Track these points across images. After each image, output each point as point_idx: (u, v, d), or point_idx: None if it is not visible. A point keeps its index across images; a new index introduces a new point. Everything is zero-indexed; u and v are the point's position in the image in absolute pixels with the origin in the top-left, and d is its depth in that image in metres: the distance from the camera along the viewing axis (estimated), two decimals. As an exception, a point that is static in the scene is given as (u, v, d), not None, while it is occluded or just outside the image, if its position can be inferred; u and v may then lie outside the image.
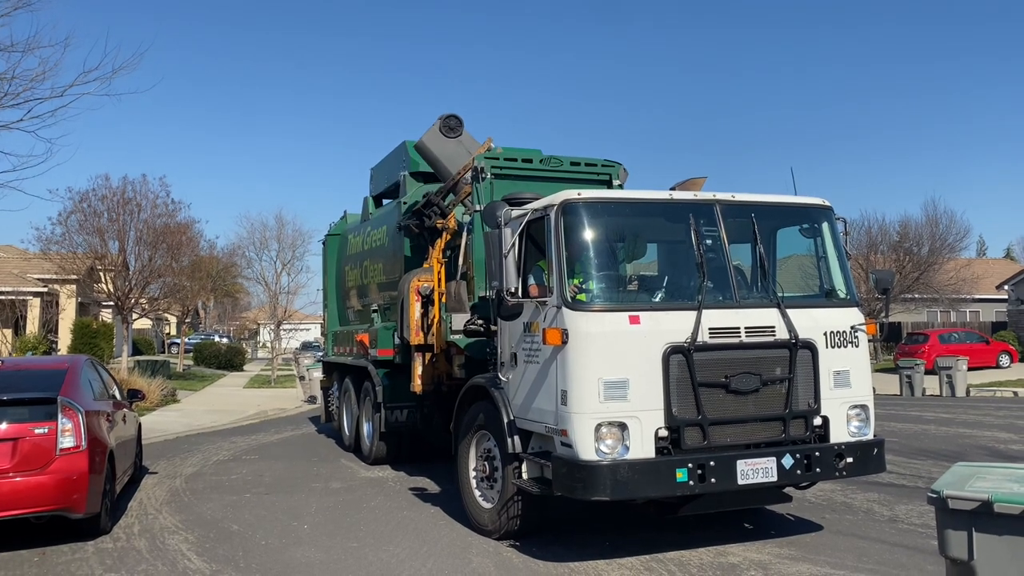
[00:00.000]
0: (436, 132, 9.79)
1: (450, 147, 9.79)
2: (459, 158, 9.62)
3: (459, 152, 9.68)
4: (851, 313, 7.05)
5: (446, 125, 9.63)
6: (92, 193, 26.21)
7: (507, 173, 9.25)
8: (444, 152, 9.90)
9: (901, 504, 8.42)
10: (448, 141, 9.74)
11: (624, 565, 6.43)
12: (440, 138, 9.78)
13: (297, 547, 7.22)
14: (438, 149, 9.90)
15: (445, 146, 9.83)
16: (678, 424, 6.20)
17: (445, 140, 9.75)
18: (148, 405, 19.56)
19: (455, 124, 9.62)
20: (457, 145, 9.77)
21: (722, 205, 6.86)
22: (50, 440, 7.14)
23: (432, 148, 9.91)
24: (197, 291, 37.25)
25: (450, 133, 9.59)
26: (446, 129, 9.61)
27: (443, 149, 9.86)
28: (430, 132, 9.86)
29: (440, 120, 9.70)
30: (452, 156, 9.83)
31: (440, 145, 9.82)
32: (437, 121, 9.83)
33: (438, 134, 9.77)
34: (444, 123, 9.64)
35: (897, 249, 39.44)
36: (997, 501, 3.41)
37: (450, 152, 9.84)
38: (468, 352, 8.60)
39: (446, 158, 9.89)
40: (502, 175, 9.13)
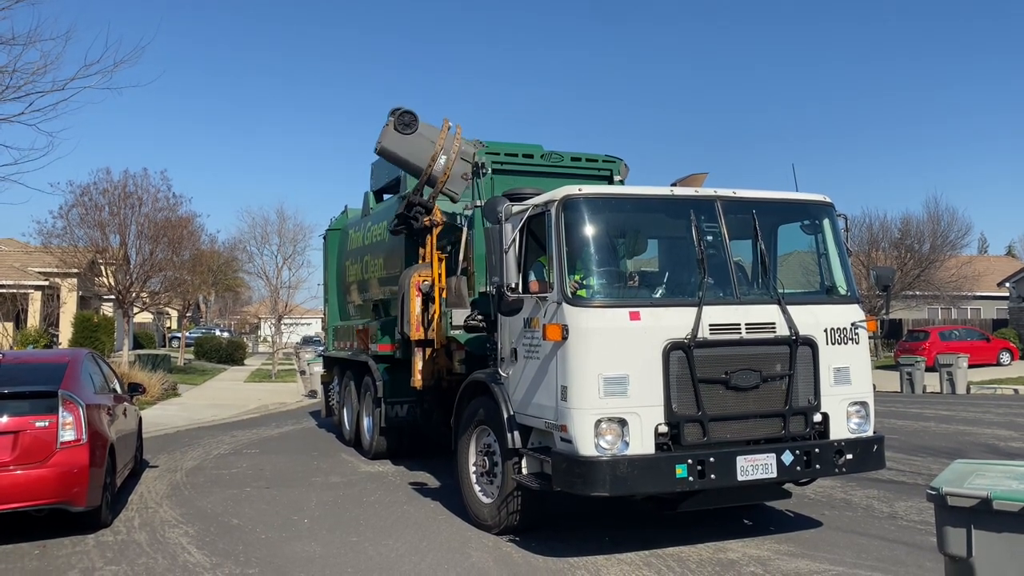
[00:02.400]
0: (392, 132, 9.45)
1: (411, 143, 9.49)
2: (423, 151, 9.42)
3: (421, 144, 9.44)
4: (852, 310, 7.05)
5: (400, 122, 9.30)
6: (93, 187, 26.26)
7: (508, 168, 9.25)
8: (407, 150, 9.61)
9: (900, 501, 8.43)
10: (407, 137, 9.44)
11: (623, 560, 6.44)
12: (398, 137, 9.44)
13: (297, 541, 7.23)
14: (400, 149, 9.60)
15: (406, 143, 9.53)
16: (678, 420, 6.21)
17: (404, 138, 9.43)
18: (149, 399, 19.59)
19: (410, 119, 9.31)
20: (417, 138, 9.47)
21: (723, 201, 6.85)
22: (51, 433, 7.15)
23: (394, 150, 9.61)
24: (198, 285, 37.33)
25: (406, 129, 9.26)
26: (401, 126, 9.26)
27: (405, 147, 9.57)
28: (386, 134, 9.49)
29: (393, 118, 9.36)
30: (416, 151, 9.57)
31: (401, 144, 9.52)
32: (390, 120, 9.47)
33: (395, 133, 9.44)
34: (398, 120, 9.30)
35: (898, 246, 39.43)
36: (996, 498, 3.41)
37: (413, 148, 9.56)
38: (468, 348, 8.60)
39: (411, 155, 9.64)
40: (503, 170, 9.14)
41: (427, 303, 9.46)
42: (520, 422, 6.90)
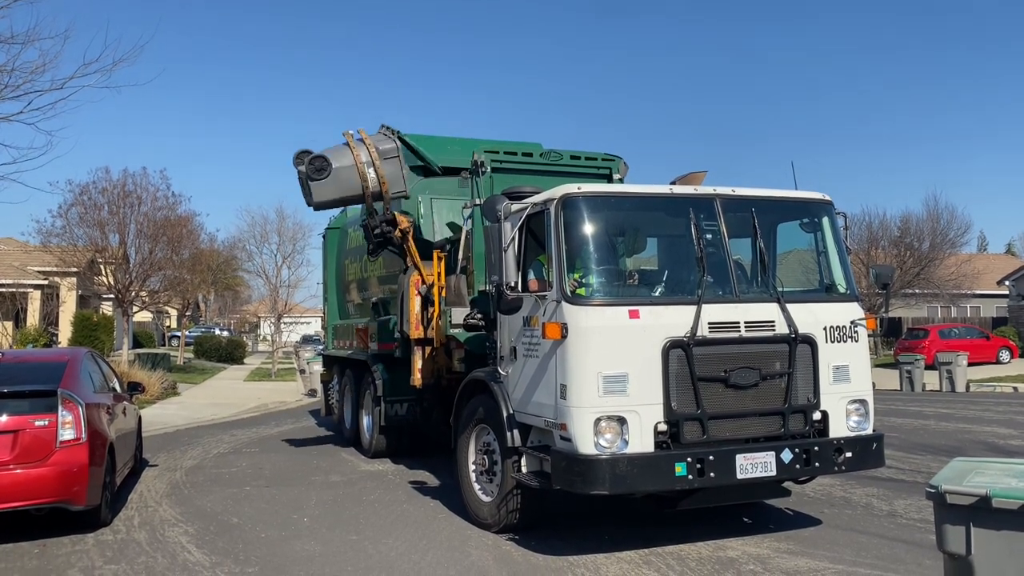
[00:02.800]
0: (315, 185, 9.09)
1: (335, 179, 9.18)
2: (350, 178, 9.19)
3: (344, 174, 9.16)
4: (851, 308, 7.05)
5: (313, 169, 8.89)
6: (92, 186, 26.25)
7: (507, 167, 9.24)
8: (337, 189, 9.29)
9: (900, 499, 8.44)
10: (329, 178, 9.13)
11: (623, 559, 6.44)
12: (322, 184, 9.15)
13: (297, 540, 7.23)
14: (331, 192, 9.30)
15: (332, 184, 9.20)
16: (677, 418, 6.21)
17: (326, 181, 9.13)
18: (148, 398, 19.59)
19: (320, 163, 8.92)
20: (337, 172, 9.18)
21: (722, 199, 6.85)
22: (50, 432, 7.16)
23: (327, 198, 9.35)
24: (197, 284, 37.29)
25: (322, 175, 8.91)
26: (316, 173, 8.91)
27: (334, 187, 9.24)
28: (314, 189, 9.14)
29: (304, 170, 8.96)
30: (344, 183, 9.30)
31: (328, 188, 9.19)
32: (301, 173, 9.15)
33: (318, 184, 9.10)
34: (311, 170, 8.90)
35: (898, 244, 39.43)
36: (995, 496, 3.41)
37: (340, 183, 9.26)
38: (468, 346, 8.60)
39: (344, 191, 9.38)
40: (502, 169, 9.13)
41: (426, 302, 9.46)
42: (520, 420, 6.90)
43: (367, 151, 9.17)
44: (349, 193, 9.40)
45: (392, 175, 9.31)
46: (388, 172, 9.27)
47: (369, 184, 9.17)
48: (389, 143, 9.30)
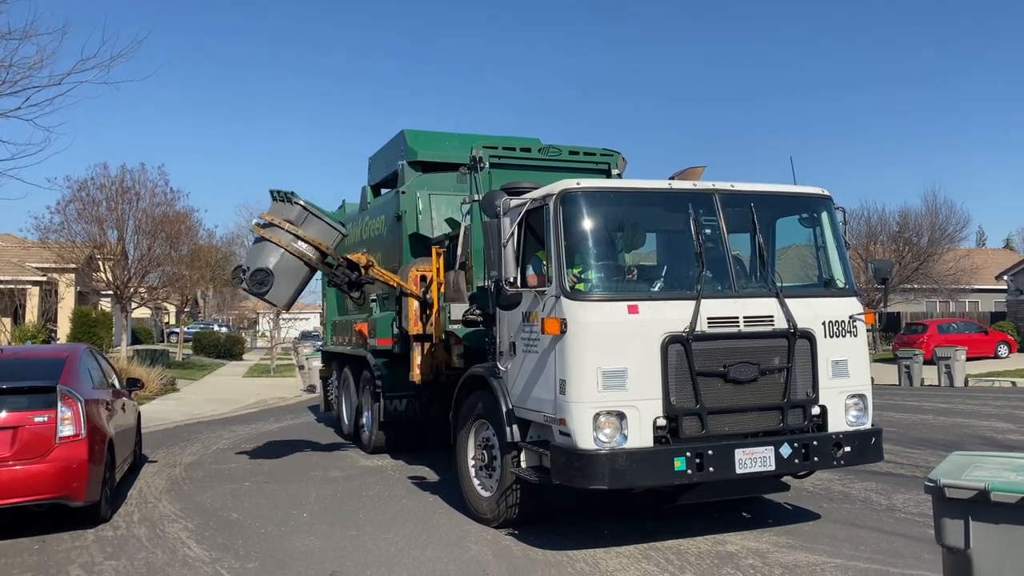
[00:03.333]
0: (270, 294, 8.93)
1: (278, 276, 8.95)
2: (289, 262, 9.03)
3: (282, 262, 8.99)
4: (850, 303, 7.05)
5: (256, 282, 8.70)
6: (91, 182, 26.24)
7: (505, 162, 9.24)
8: (287, 281, 9.09)
9: (899, 493, 8.45)
10: (275, 279, 8.89)
11: (622, 553, 6.45)
12: (274, 289, 8.95)
13: (296, 535, 7.24)
14: (285, 289, 9.09)
15: (280, 283, 8.99)
16: (676, 413, 6.21)
17: (275, 287, 8.92)
18: (148, 394, 19.60)
19: (262, 277, 8.72)
20: (278, 268, 8.94)
21: (721, 195, 6.85)
22: (50, 428, 7.16)
23: (288, 294, 9.18)
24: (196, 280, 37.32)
25: (265, 285, 8.72)
26: (261, 286, 8.68)
27: (283, 283, 9.04)
28: (272, 297, 9.02)
29: (251, 289, 8.85)
30: (288, 270, 9.08)
31: (280, 288, 8.96)
32: (244, 289, 9.07)
33: (271, 291, 8.91)
34: (254, 286, 8.74)
35: (897, 239, 39.48)
36: (994, 490, 3.42)
37: (284, 272, 9.05)
38: (467, 342, 8.61)
39: (293, 277, 9.16)
40: (500, 164, 9.12)
41: (425, 298, 9.47)
42: (519, 416, 6.91)
43: (282, 232, 8.97)
44: (300, 277, 9.26)
45: (320, 232, 9.16)
46: (315, 232, 9.11)
47: (308, 255, 9.05)
48: (291, 208, 9.07)
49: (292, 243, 8.96)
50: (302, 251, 9.01)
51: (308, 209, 9.06)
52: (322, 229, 9.19)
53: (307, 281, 9.48)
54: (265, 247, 9.03)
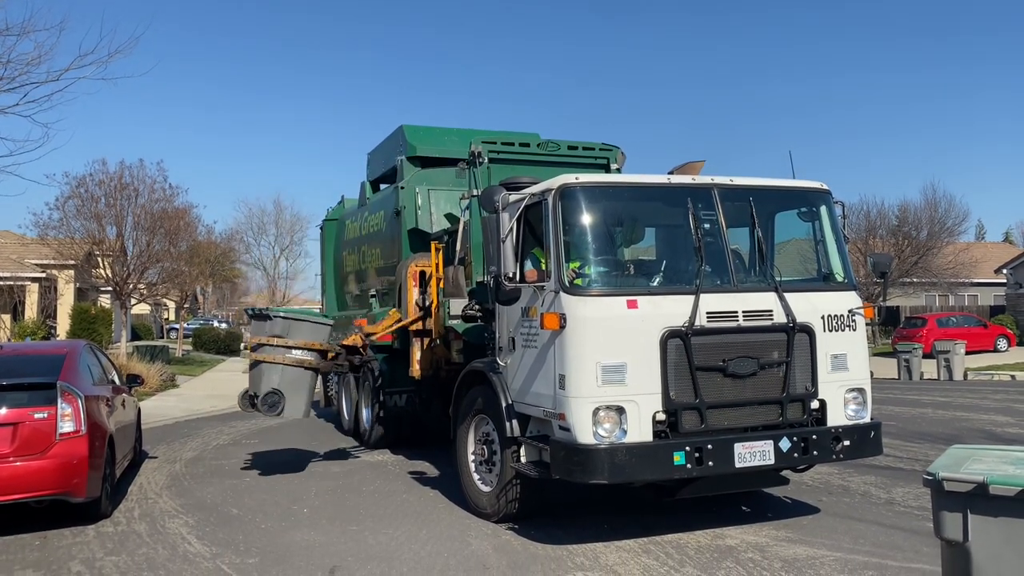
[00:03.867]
0: (286, 410, 9.11)
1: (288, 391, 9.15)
2: (294, 375, 9.21)
3: (289, 378, 9.17)
4: (849, 297, 7.06)
5: (268, 405, 8.87)
6: (89, 178, 26.17)
7: (504, 157, 9.24)
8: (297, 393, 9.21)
9: (898, 487, 8.47)
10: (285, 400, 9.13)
11: (622, 548, 6.47)
12: (289, 406, 9.14)
13: (297, 530, 7.26)
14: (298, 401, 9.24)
15: (291, 398, 9.15)
16: (675, 408, 6.22)
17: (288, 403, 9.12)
18: (147, 390, 19.60)
19: (272, 400, 8.88)
20: (283, 387, 9.15)
21: (720, 189, 6.85)
22: (50, 425, 7.17)
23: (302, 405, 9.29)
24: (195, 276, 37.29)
25: (278, 407, 8.90)
26: (274, 407, 8.86)
27: (294, 397, 9.21)
28: (288, 413, 9.16)
29: (267, 412, 9.00)
30: (296, 382, 9.21)
31: (293, 402, 9.13)
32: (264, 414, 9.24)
33: (288, 408, 9.10)
34: (268, 410, 8.90)
35: (896, 233, 39.47)
36: (992, 483, 3.42)
37: (293, 386, 9.22)
38: (466, 337, 8.61)
39: (302, 389, 9.29)
40: (499, 159, 9.12)
41: (424, 293, 9.47)
42: (518, 411, 6.91)
43: (278, 350, 9.02)
44: (307, 382, 9.31)
45: (310, 333, 9.21)
46: (306, 336, 9.15)
47: (307, 359, 9.13)
48: (274, 323, 9.09)
49: (287, 355, 9.00)
50: (300, 359, 9.06)
51: (289, 317, 9.12)
52: (311, 330, 9.22)
53: (315, 382, 9.54)
54: (263, 369, 9.06)
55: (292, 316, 9.15)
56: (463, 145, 9.29)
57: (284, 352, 8.98)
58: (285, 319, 9.04)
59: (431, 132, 11.47)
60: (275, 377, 9.01)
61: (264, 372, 9.00)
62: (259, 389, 9.02)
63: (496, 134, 9.87)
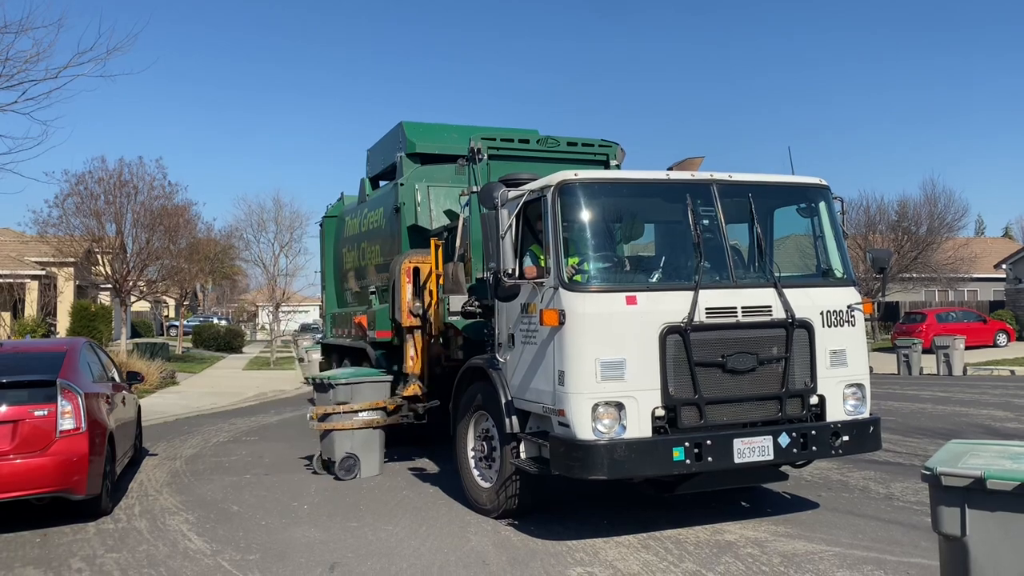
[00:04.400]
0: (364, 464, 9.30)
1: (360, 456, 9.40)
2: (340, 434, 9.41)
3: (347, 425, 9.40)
4: (848, 292, 7.06)
5: (345, 469, 9.14)
6: (88, 175, 26.21)
7: (504, 154, 9.23)
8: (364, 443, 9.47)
9: (897, 482, 8.48)
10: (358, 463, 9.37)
11: (621, 543, 6.48)
12: (366, 459, 9.38)
13: (297, 527, 7.27)
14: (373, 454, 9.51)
15: (364, 459, 9.38)
16: (675, 403, 6.23)
17: (365, 463, 9.35)
18: (148, 387, 19.62)
19: (350, 464, 9.18)
20: (354, 451, 9.39)
21: (719, 185, 6.85)
22: (50, 422, 7.17)
23: (378, 465, 9.51)
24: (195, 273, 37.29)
25: (353, 470, 9.19)
26: (349, 471, 9.15)
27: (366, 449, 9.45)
28: (365, 468, 9.35)
29: (345, 476, 9.14)
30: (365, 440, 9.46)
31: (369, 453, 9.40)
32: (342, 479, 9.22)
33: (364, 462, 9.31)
34: (347, 474, 9.12)
35: (896, 228, 39.47)
36: (990, 478, 3.42)
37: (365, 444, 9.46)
38: (466, 333, 8.62)
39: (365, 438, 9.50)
40: (498, 156, 9.12)
41: (420, 290, 9.47)
42: (518, 407, 6.92)
43: (346, 416, 9.29)
44: (378, 439, 9.52)
45: (373, 392, 9.51)
46: (369, 396, 9.46)
47: (375, 419, 9.39)
48: (336, 391, 9.32)
49: (355, 419, 9.27)
50: (368, 420, 9.32)
51: (351, 382, 9.35)
52: (372, 389, 9.48)
53: (384, 436, 9.66)
54: (335, 436, 9.31)
55: (353, 380, 9.40)
56: (462, 142, 9.28)
57: (351, 417, 9.26)
58: (347, 385, 9.31)
59: (430, 129, 11.46)
60: (348, 442, 9.30)
61: (336, 439, 9.29)
62: (334, 455, 9.31)
63: (495, 130, 9.86)
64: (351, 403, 9.28)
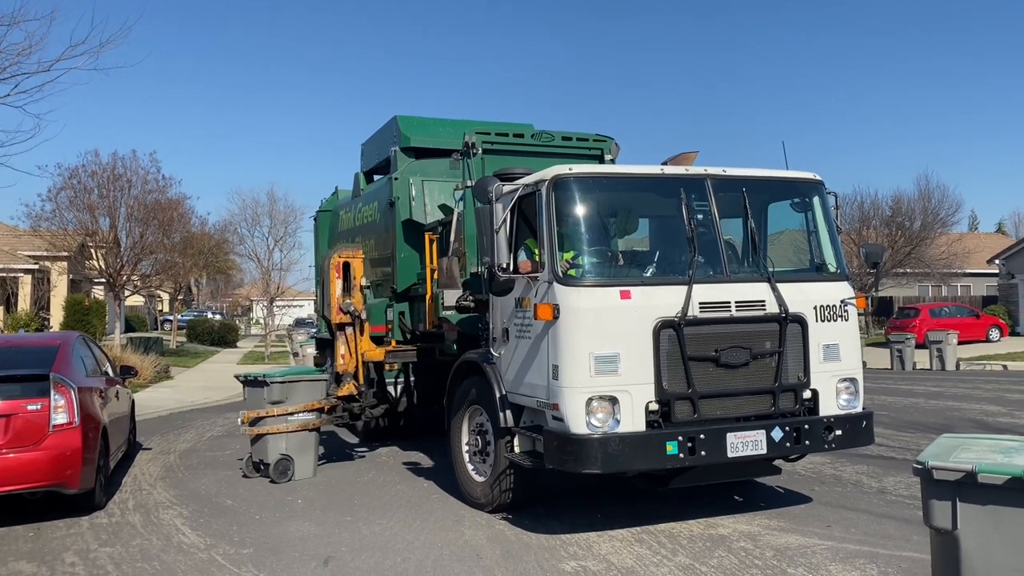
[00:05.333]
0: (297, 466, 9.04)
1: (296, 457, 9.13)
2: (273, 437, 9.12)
3: (293, 444, 9.17)
4: (841, 287, 7.07)
5: (280, 471, 8.91)
6: (82, 169, 26.10)
7: (498, 148, 9.22)
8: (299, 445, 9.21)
9: (889, 476, 8.51)
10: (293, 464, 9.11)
11: (615, 537, 6.50)
12: (300, 462, 9.11)
13: (291, 521, 7.27)
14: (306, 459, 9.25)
15: (298, 461, 9.13)
16: (668, 398, 6.24)
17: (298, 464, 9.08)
18: (142, 382, 19.58)
19: (284, 466, 8.93)
20: (289, 452, 9.11)
21: (713, 180, 6.85)
22: (43, 416, 7.16)
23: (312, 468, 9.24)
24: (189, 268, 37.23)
25: (287, 472, 8.93)
26: (284, 474, 8.89)
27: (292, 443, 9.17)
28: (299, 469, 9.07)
29: (279, 479, 8.87)
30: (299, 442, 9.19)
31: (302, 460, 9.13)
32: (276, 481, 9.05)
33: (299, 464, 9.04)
34: (281, 476, 8.90)
35: (889, 224, 39.55)
36: (981, 471, 3.44)
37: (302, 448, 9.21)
38: (460, 328, 8.61)
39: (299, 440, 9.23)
40: (493, 150, 9.11)
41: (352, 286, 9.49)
42: (512, 401, 6.93)
43: (274, 419, 9.01)
44: (313, 441, 9.30)
45: (307, 393, 9.20)
46: (304, 397, 9.15)
47: (309, 420, 9.16)
48: (270, 390, 9.04)
49: (288, 421, 9.03)
50: (302, 421, 9.10)
51: (285, 381, 9.08)
52: (308, 389, 9.20)
53: (319, 437, 9.50)
54: (267, 439, 9.08)
55: (287, 379, 9.13)
56: (457, 136, 9.26)
57: (286, 420, 9.02)
58: (282, 384, 9.05)
59: (425, 123, 11.42)
60: (282, 443, 9.07)
61: (269, 442, 9.06)
62: (267, 456, 9.07)
63: (490, 125, 9.85)
64: (286, 404, 9.00)
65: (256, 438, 9.16)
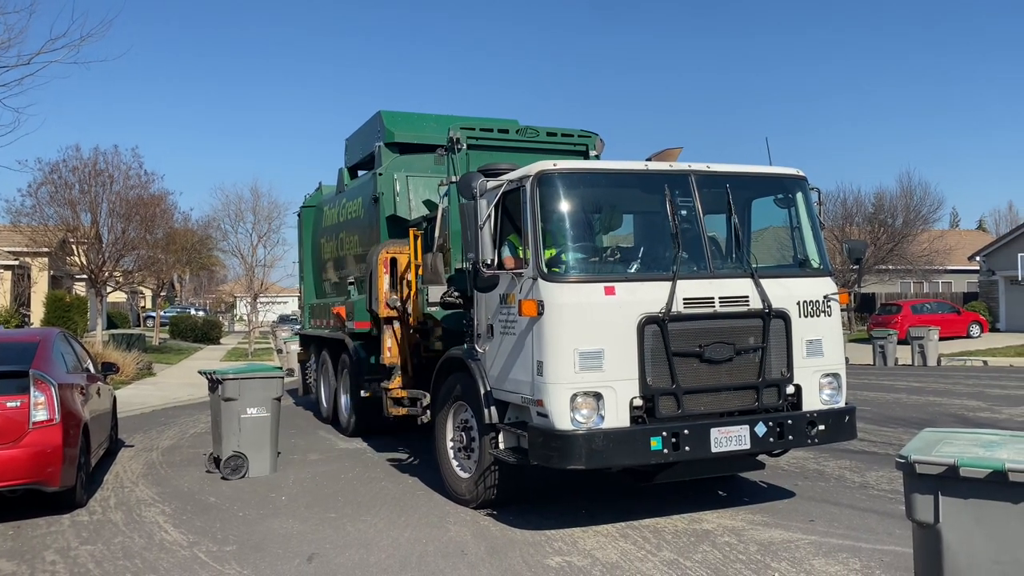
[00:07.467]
0: (252, 464, 9.01)
1: (252, 454, 9.11)
2: (252, 425, 9.14)
3: (246, 434, 9.13)
4: (824, 283, 7.11)
5: (231, 468, 8.85)
6: (63, 164, 25.85)
7: (483, 144, 9.20)
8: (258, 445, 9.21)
9: (872, 471, 8.57)
10: (246, 464, 9.07)
11: (600, 532, 6.51)
12: (255, 461, 9.08)
13: (275, 518, 7.23)
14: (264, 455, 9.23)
15: (253, 459, 9.11)
16: (652, 393, 6.25)
17: (253, 462, 9.06)
18: (124, 379, 19.44)
19: (237, 463, 8.90)
20: (243, 450, 9.08)
21: (697, 176, 6.87)
22: (23, 413, 7.09)
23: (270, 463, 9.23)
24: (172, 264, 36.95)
25: (240, 469, 8.90)
26: (236, 471, 8.81)
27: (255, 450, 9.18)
28: (254, 467, 9.05)
29: (233, 476, 8.81)
30: (254, 436, 9.14)
31: (259, 460, 9.11)
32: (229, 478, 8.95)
33: (253, 462, 9.01)
34: (232, 473, 8.84)
35: (872, 220, 39.82)
36: (963, 465, 3.46)
37: (252, 443, 9.13)
38: (445, 324, 8.60)
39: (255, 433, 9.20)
40: (478, 146, 9.08)
41: (402, 280, 9.43)
42: (497, 397, 6.92)
43: (232, 412, 8.97)
44: (268, 432, 9.20)
45: (263, 388, 9.18)
46: (259, 393, 9.12)
47: (264, 412, 9.10)
48: (225, 386, 8.99)
49: (243, 414, 8.98)
50: (257, 416, 9.04)
51: (239, 377, 9.01)
52: (264, 386, 9.13)
53: (277, 430, 9.41)
54: (222, 431, 9.02)
55: (242, 377, 9.05)
56: (441, 131, 9.24)
57: (240, 413, 8.95)
58: (235, 380, 8.96)
59: (409, 118, 11.39)
60: (235, 438, 8.98)
61: (224, 436, 8.98)
62: (221, 451, 9.02)
63: (475, 120, 9.82)
64: (239, 400, 8.94)
65: (214, 430, 9.13)
